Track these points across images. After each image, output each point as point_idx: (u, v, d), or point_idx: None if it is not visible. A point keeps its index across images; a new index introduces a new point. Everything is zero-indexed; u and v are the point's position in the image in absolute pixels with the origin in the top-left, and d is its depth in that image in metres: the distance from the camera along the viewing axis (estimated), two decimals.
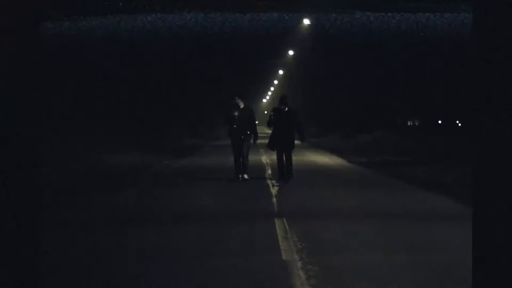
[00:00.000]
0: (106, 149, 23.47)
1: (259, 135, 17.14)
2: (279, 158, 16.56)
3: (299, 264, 7.14)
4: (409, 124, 48.00)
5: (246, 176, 16.33)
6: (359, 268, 7.00)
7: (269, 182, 16.23)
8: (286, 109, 16.56)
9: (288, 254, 7.70)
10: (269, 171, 19.13)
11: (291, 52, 58.15)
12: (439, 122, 44.12)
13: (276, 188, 14.77)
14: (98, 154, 21.80)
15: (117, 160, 21.54)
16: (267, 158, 24.10)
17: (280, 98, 17.12)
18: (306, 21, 30.59)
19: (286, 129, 16.44)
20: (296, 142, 16.93)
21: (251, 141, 16.56)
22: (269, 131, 17.31)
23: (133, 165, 20.91)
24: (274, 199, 12.88)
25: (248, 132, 16.40)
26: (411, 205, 12.17)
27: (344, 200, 12.84)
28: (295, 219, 10.19)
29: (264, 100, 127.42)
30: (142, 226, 9.85)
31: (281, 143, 16.52)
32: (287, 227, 9.49)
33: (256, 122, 17.08)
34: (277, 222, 9.93)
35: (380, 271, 6.88)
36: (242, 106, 16.49)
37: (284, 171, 16.48)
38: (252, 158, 17.97)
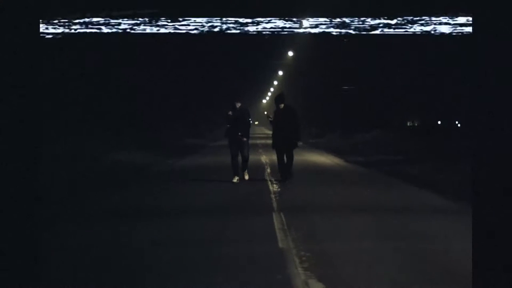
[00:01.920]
0: (108, 148, 23.84)
1: (259, 135, 17.33)
2: (279, 157, 16.38)
3: (293, 251, 7.68)
4: (409, 124, 48.26)
5: (246, 177, 16.39)
6: (349, 254, 7.52)
7: (268, 180, 16.52)
8: (282, 105, 16.25)
9: (284, 242, 8.22)
10: (268, 170, 19.46)
11: (290, 53, 58.59)
12: (439, 122, 44.48)
13: (275, 186, 15.17)
14: (101, 153, 22.21)
15: (120, 158, 21.97)
16: (266, 158, 24.54)
17: (276, 97, 16.70)
18: (306, 23, 31.02)
19: (285, 127, 16.15)
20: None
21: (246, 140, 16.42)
22: (269, 132, 17.36)
23: (136, 164, 21.31)
24: (273, 196, 13.27)
25: (240, 133, 16.24)
26: (404, 201, 12.55)
27: (339, 196, 13.26)
28: (292, 213, 10.62)
29: (264, 101, 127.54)
30: (146, 219, 10.26)
31: (281, 142, 16.29)
32: (284, 220, 9.96)
33: (256, 122, 17.29)
34: (275, 215, 10.39)
35: (368, 256, 7.41)
36: (238, 106, 16.40)
37: (284, 170, 16.31)
38: (251, 157, 18.18)
